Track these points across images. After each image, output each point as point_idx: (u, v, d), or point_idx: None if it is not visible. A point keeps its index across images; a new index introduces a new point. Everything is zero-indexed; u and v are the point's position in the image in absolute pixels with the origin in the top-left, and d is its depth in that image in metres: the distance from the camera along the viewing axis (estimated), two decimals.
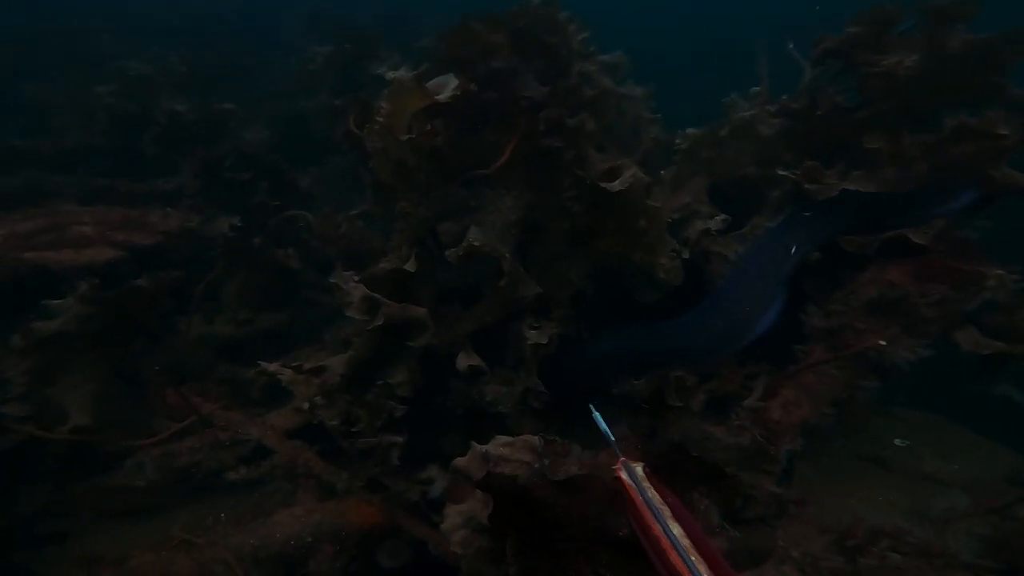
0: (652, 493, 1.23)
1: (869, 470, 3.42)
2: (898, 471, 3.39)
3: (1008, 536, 2.40)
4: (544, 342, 2.54)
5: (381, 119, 2.39)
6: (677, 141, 3.40)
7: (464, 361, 2.53)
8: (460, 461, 1.87)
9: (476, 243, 2.46)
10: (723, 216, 3.14)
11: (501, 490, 1.28)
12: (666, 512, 1.18)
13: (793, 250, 2.62)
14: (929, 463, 3.48)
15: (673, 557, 1.09)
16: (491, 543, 1.46)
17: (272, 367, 2.71)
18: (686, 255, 2.80)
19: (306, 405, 2.75)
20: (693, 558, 1.08)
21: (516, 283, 2.55)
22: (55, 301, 3.06)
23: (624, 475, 1.29)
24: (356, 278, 2.65)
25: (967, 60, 2.81)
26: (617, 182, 2.48)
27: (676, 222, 3.20)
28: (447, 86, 2.37)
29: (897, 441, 3.70)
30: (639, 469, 1.30)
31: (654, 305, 3.06)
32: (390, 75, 2.43)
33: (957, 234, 2.70)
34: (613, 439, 1.43)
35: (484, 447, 1.81)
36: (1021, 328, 2.53)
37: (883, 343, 2.37)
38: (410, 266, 2.64)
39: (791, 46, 3.70)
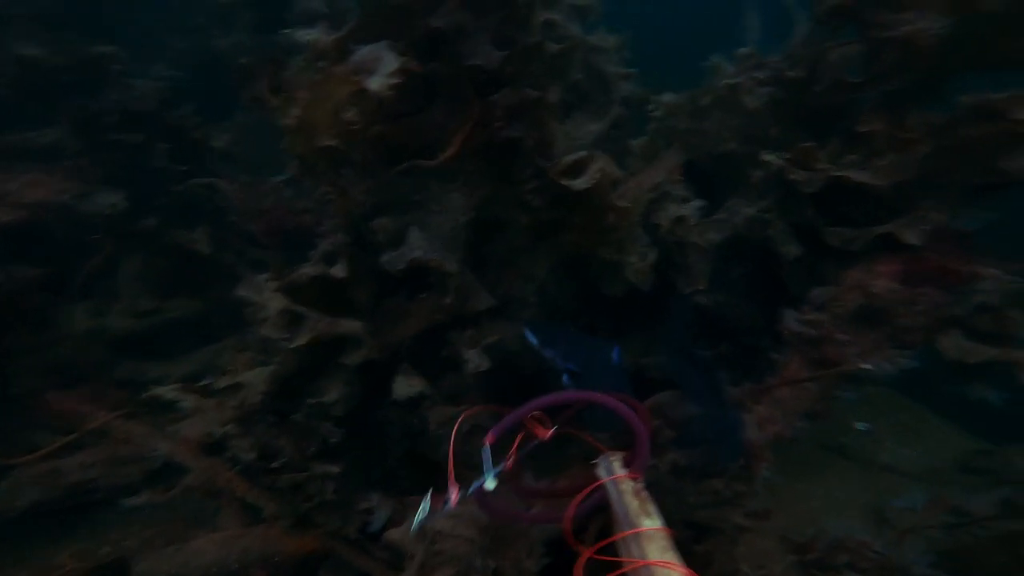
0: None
1: (830, 460, 3.51)
2: (857, 460, 3.50)
3: (959, 548, 2.47)
4: (487, 366, 2.28)
5: (298, 112, 1.94)
6: (651, 108, 3.05)
7: (404, 387, 2.26)
8: (394, 534, 1.66)
9: (419, 254, 2.13)
10: (699, 202, 2.90)
11: None
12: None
13: None
14: (887, 450, 3.61)
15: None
16: None
17: (171, 391, 2.37)
18: (653, 257, 2.57)
19: (218, 432, 2.45)
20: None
21: (466, 297, 2.27)
22: None
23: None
24: (274, 285, 2.28)
25: (1006, 19, 2.45)
26: (582, 179, 2.16)
27: (647, 205, 2.94)
28: (380, 62, 1.92)
29: (858, 425, 3.80)
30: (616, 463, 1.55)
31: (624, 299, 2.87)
32: (304, 37, 1.96)
33: (954, 228, 2.56)
34: None
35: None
36: (1008, 331, 2.47)
37: (868, 367, 2.27)
38: (339, 271, 2.29)
39: None
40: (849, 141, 2.71)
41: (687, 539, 2.31)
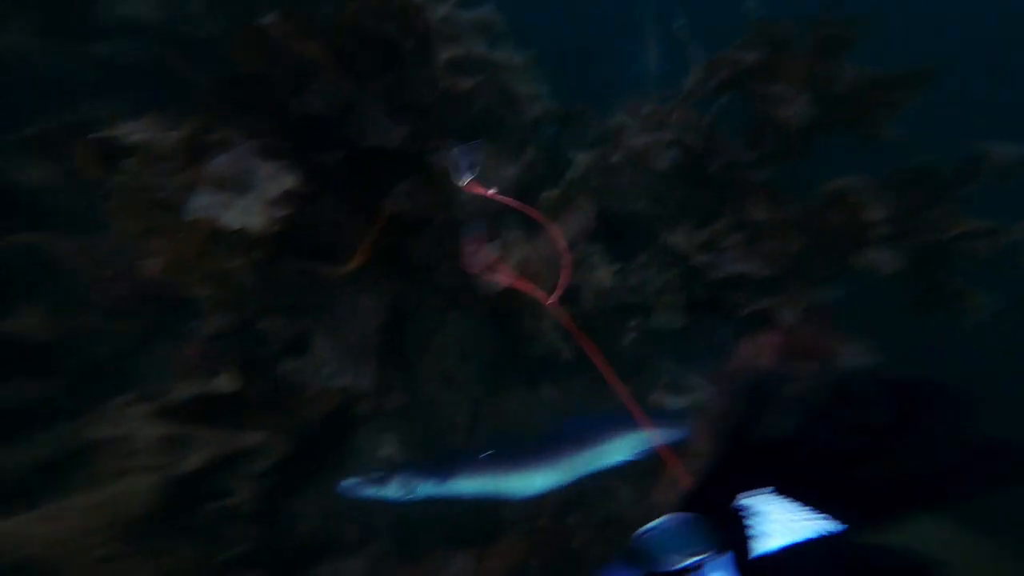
0: None
1: None
2: None
3: None
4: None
5: (159, 264, 1.70)
6: (568, 175, 3.12)
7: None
8: None
9: (329, 372, 2.04)
10: (616, 267, 3.08)
11: None
12: None
13: None
14: None
15: None
16: None
17: (15, 524, 2.06)
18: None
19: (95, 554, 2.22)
20: None
21: (382, 402, 2.24)
22: None
23: None
24: (141, 410, 2.03)
25: (856, 100, 2.88)
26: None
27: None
28: (251, 176, 1.70)
29: None
30: None
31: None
32: (131, 138, 1.66)
33: (821, 306, 2.99)
34: None
35: None
36: None
37: None
38: (227, 383, 2.11)
39: (680, 24, 3.44)
40: (740, 215, 3.02)
41: None
